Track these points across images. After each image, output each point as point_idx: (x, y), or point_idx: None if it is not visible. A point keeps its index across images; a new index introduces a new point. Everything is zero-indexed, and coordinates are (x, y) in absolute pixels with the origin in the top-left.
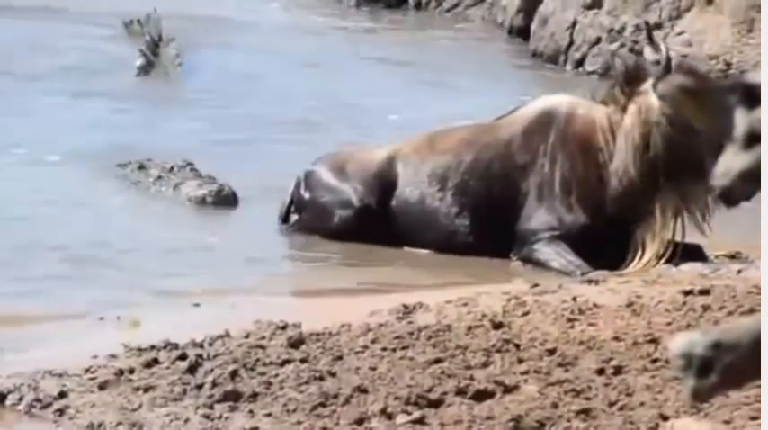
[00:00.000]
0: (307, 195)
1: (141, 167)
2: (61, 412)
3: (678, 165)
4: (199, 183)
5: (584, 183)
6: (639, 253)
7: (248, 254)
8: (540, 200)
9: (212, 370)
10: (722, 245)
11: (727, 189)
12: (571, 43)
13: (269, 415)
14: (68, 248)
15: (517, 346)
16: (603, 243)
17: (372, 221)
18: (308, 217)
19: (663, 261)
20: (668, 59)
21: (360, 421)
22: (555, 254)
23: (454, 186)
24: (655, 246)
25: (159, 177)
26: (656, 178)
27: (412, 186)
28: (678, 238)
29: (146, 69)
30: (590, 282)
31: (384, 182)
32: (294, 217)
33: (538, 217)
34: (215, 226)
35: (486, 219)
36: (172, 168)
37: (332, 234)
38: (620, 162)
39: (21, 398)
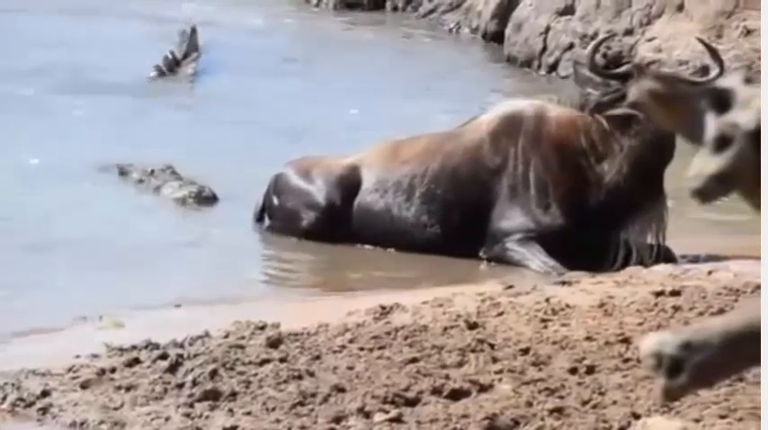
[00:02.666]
0: (275, 199)
1: (122, 172)
2: (44, 411)
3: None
4: (180, 185)
5: (562, 184)
6: (625, 254)
7: (228, 255)
8: (513, 201)
9: (193, 369)
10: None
11: (700, 190)
12: (544, 48)
13: (248, 413)
14: (50, 250)
15: (492, 346)
16: (579, 244)
17: (339, 222)
18: (278, 220)
19: (649, 262)
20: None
21: (338, 419)
22: (529, 254)
23: (421, 194)
24: (642, 247)
25: (140, 181)
26: (655, 181)
27: (376, 194)
28: (659, 241)
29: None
30: (563, 283)
31: (348, 186)
32: (267, 220)
33: (512, 217)
34: (195, 227)
35: (457, 224)
36: (152, 172)
37: (301, 234)
38: (625, 165)
39: (4, 397)
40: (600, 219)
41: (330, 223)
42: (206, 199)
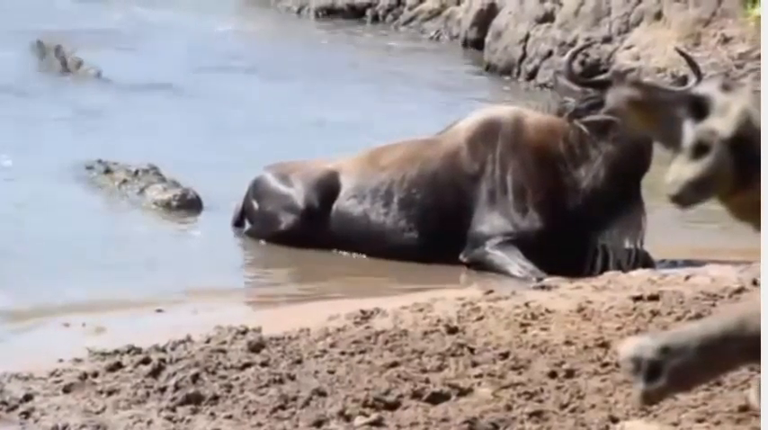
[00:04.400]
0: (255, 203)
1: (107, 171)
2: (27, 414)
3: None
4: (164, 187)
5: (540, 189)
6: (603, 259)
7: (210, 259)
8: (492, 205)
9: (175, 373)
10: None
11: (678, 196)
12: (524, 56)
13: (230, 417)
14: (32, 252)
15: (471, 350)
16: (557, 248)
17: (318, 226)
18: (257, 224)
19: (627, 267)
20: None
21: (318, 423)
22: (508, 258)
23: (400, 200)
24: (620, 252)
25: (124, 181)
26: (633, 186)
27: (355, 200)
28: (637, 246)
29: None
30: (542, 287)
31: (327, 190)
32: (248, 224)
33: (491, 221)
34: (178, 231)
35: (435, 229)
36: (137, 172)
37: (280, 238)
38: (602, 170)
39: None
40: (578, 223)
41: (309, 227)
42: (190, 202)
